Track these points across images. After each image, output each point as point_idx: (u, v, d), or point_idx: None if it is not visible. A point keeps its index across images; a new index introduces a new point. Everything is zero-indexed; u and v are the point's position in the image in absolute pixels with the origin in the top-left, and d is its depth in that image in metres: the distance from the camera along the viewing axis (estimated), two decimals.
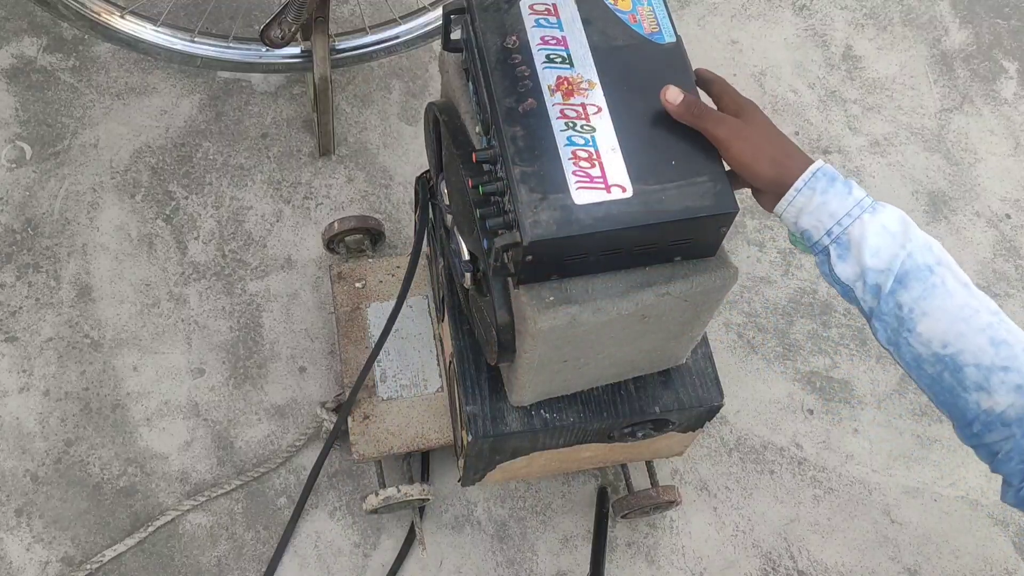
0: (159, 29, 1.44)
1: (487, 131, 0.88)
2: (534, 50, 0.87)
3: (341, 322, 1.33)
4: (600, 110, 0.85)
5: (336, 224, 1.37)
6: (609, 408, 1.07)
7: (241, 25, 1.64)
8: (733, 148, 0.83)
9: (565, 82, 0.86)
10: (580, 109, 0.84)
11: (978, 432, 0.82)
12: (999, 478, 0.83)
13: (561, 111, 0.84)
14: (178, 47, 1.46)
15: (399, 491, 1.23)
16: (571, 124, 0.84)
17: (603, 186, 0.81)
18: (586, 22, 0.89)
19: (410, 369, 1.30)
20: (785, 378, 1.48)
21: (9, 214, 1.48)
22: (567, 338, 0.87)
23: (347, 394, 1.27)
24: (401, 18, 1.48)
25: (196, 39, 1.45)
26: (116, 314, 1.42)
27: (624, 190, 0.81)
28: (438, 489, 1.35)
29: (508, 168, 0.81)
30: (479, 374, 1.08)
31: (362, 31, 1.49)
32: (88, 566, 1.26)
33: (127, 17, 1.42)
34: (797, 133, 1.68)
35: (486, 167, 0.85)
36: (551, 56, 0.87)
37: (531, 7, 0.90)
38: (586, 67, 0.87)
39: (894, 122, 1.72)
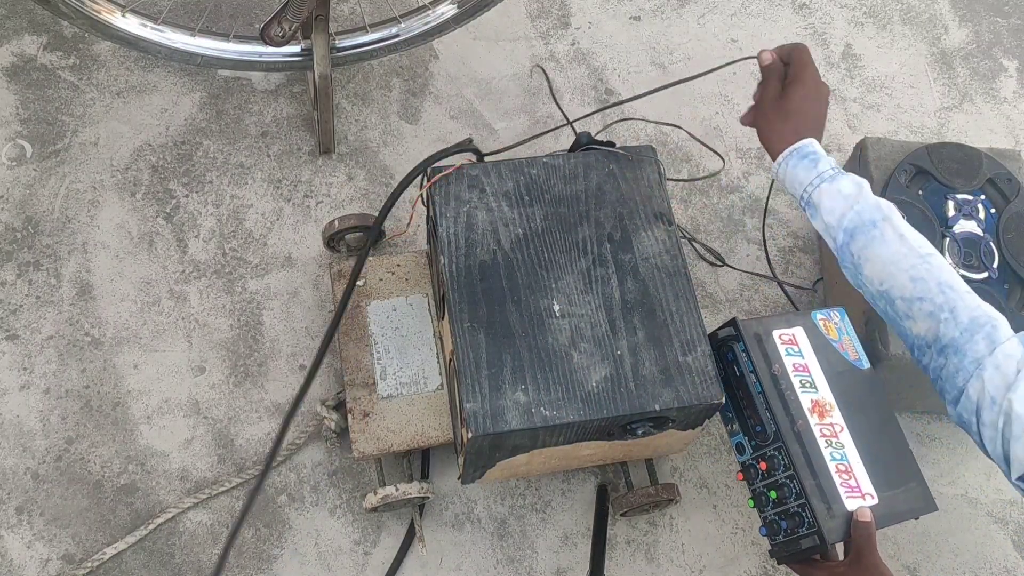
0: (159, 27, 1.44)
1: (766, 441, 1.11)
2: (791, 376, 1.12)
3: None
4: (843, 429, 1.10)
5: (336, 222, 1.37)
6: (609, 406, 1.08)
7: (241, 23, 1.64)
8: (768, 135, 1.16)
9: (817, 405, 1.11)
10: (831, 428, 1.10)
11: (917, 357, 1.03)
12: (998, 475, 0.84)
13: (820, 431, 1.09)
14: (178, 45, 1.46)
15: (398, 489, 1.23)
16: (829, 442, 1.09)
17: (860, 495, 1.07)
18: (815, 349, 1.14)
19: (410, 367, 1.30)
20: None
21: (9, 212, 1.48)
22: None
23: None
24: (401, 17, 1.48)
25: (196, 37, 1.46)
26: (116, 312, 1.42)
27: (873, 497, 1.07)
28: (438, 487, 1.35)
29: (800, 480, 1.07)
30: (479, 371, 1.08)
31: (362, 29, 1.49)
32: (89, 564, 1.26)
33: (128, 15, 1.42)
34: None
35: (774, 475, 1.10)
36: (803, 382, 1.12)
37: (779, 337, 1.14)
38: (825, 390, 1.12)
39: (894, 120, 1.72)
